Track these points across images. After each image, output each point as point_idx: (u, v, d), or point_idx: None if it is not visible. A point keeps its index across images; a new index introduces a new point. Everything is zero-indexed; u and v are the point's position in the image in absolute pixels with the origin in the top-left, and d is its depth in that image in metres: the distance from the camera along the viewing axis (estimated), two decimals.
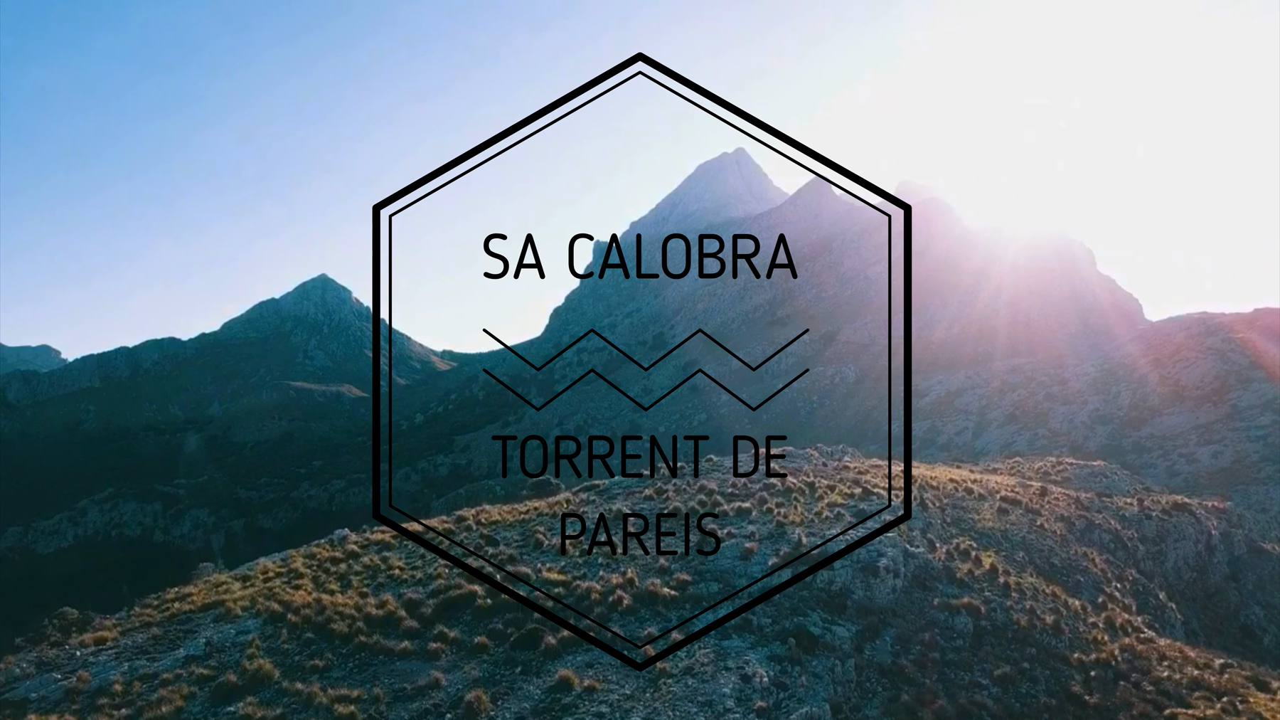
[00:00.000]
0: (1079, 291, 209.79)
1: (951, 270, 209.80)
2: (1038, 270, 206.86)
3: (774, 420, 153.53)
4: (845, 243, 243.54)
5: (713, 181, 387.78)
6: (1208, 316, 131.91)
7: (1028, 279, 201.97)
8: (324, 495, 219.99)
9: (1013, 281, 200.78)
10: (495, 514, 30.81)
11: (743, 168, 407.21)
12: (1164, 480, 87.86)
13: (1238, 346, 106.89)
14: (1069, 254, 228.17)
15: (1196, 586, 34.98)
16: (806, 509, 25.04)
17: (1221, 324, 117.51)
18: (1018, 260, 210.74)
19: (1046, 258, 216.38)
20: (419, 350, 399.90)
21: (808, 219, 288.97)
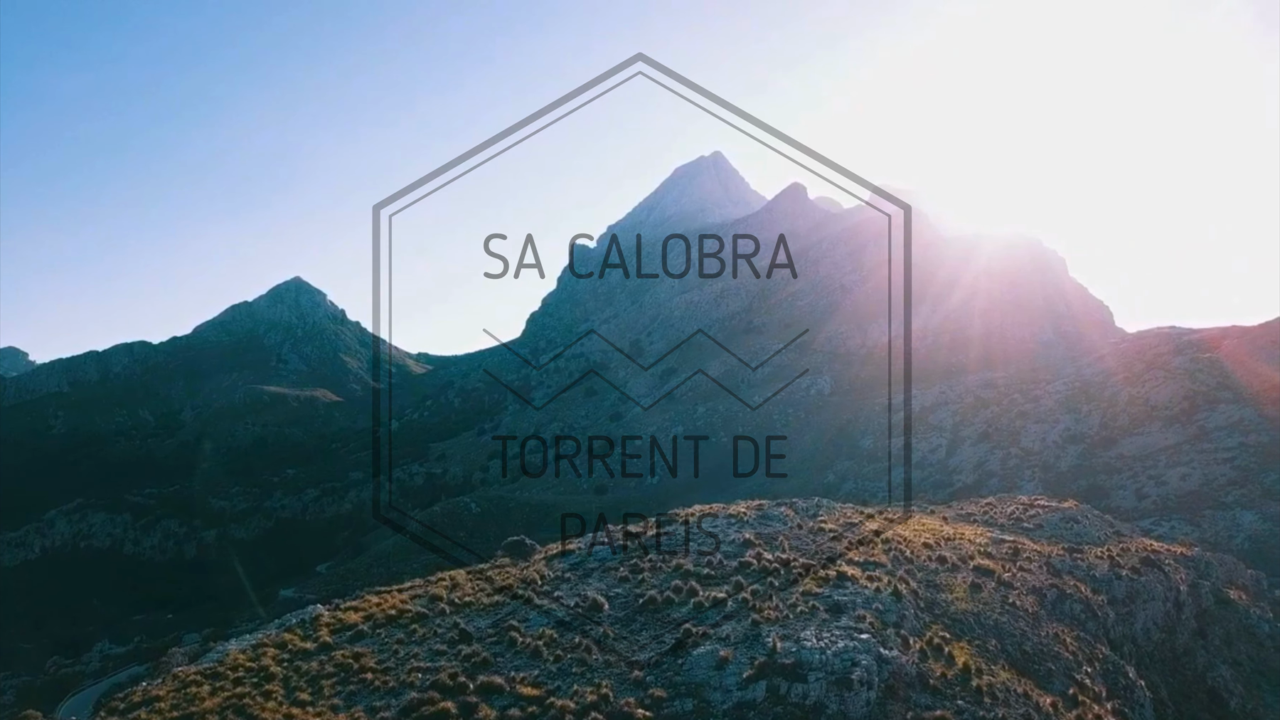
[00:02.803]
0: (1052, 299, 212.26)
1: (925, 279, 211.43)
2: (1012, 278, 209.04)
3: (750, 432, 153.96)
4: (821, 250, 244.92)
5: (690, 185, 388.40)
6: (1177, 333, 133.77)
7: (1002, 287, 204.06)
8: (297, 505, 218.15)
9: (987, 290, 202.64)
10: (468, 589, 30.66)
11: (720, 171, 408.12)
12: (1133, 503, 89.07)
13: (1206, 366, 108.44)
14: (1043, 261, 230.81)
15: (1165, 648, 35.41)
16: (782, 599, 25.08)
17: (1191, 342, 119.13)
18: (991, 268, 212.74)
19: (1021, 265, 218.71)
20: (394, 353, 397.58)
21: (784, 225, 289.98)
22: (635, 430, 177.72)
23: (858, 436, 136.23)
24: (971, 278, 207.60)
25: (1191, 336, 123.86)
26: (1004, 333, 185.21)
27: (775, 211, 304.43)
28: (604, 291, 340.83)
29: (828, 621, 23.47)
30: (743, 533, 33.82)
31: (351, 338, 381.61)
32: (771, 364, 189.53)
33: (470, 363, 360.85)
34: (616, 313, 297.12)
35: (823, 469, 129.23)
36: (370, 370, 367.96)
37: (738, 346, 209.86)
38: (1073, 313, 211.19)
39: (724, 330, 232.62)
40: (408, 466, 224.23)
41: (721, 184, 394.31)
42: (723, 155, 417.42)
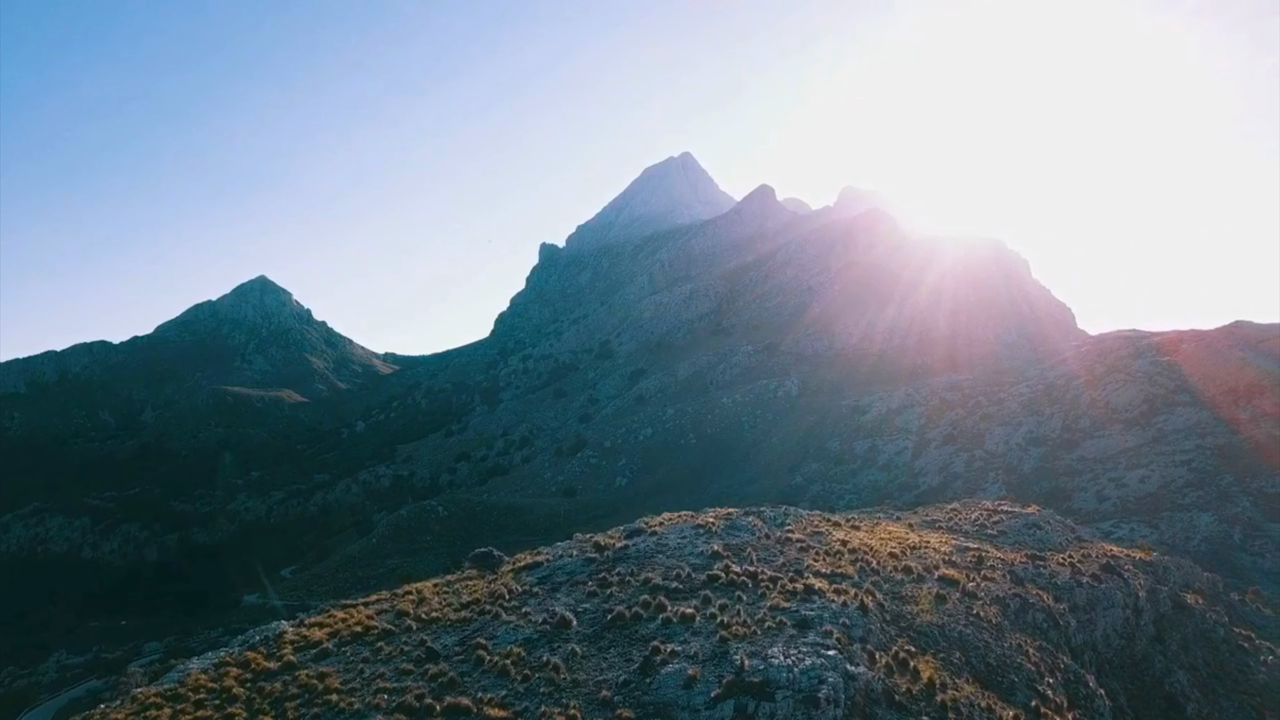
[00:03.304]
0: (1016, 301, 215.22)
1: (891, 280, 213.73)
2: (976, 279, 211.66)
3: (719, 434, 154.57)
4: (789, 252, 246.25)
5: (659, 186, 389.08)
6: (1137, 336, 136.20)
7: (967, 288, 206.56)
8: (262, 508, 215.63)
9: (952, 291, 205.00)
10: (435, 604, 30.46)
11: (689, 172, 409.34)
12: (1094, 505, 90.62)
13: (1165, 369, 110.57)
14: (1006, 263, 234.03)
15: (1124, 654, 36.03)
16: (750, 614, 25.18)
17: (1150, 345, 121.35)
18: (956, 269, 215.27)
19: (985, 266, 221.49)
20: (360, 353, 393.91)
21: (751, 227, 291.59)
22: (605, 431, 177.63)
23: (825, 438, 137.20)
24: (937, 279, 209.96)
25: (1151, 340, 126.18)
26: (970, 334, 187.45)
27: (744, 213, 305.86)
28: (573, 292, 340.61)
29: (795, 637, 23.59)
30: (711, 544, 33.90)
31: (318, 337, 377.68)
32: (740, 366, 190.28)
33: (438, 363, 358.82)
34: (586, 313, 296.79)
35: (791, 471, 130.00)
36: (337, 370, 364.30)
37: (707, 348, 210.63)
38: (1036, 314, 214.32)
39: (693, 332, 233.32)
40: (374, 468, 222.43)
41: (691, 185, 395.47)
42: (692, 156, 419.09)
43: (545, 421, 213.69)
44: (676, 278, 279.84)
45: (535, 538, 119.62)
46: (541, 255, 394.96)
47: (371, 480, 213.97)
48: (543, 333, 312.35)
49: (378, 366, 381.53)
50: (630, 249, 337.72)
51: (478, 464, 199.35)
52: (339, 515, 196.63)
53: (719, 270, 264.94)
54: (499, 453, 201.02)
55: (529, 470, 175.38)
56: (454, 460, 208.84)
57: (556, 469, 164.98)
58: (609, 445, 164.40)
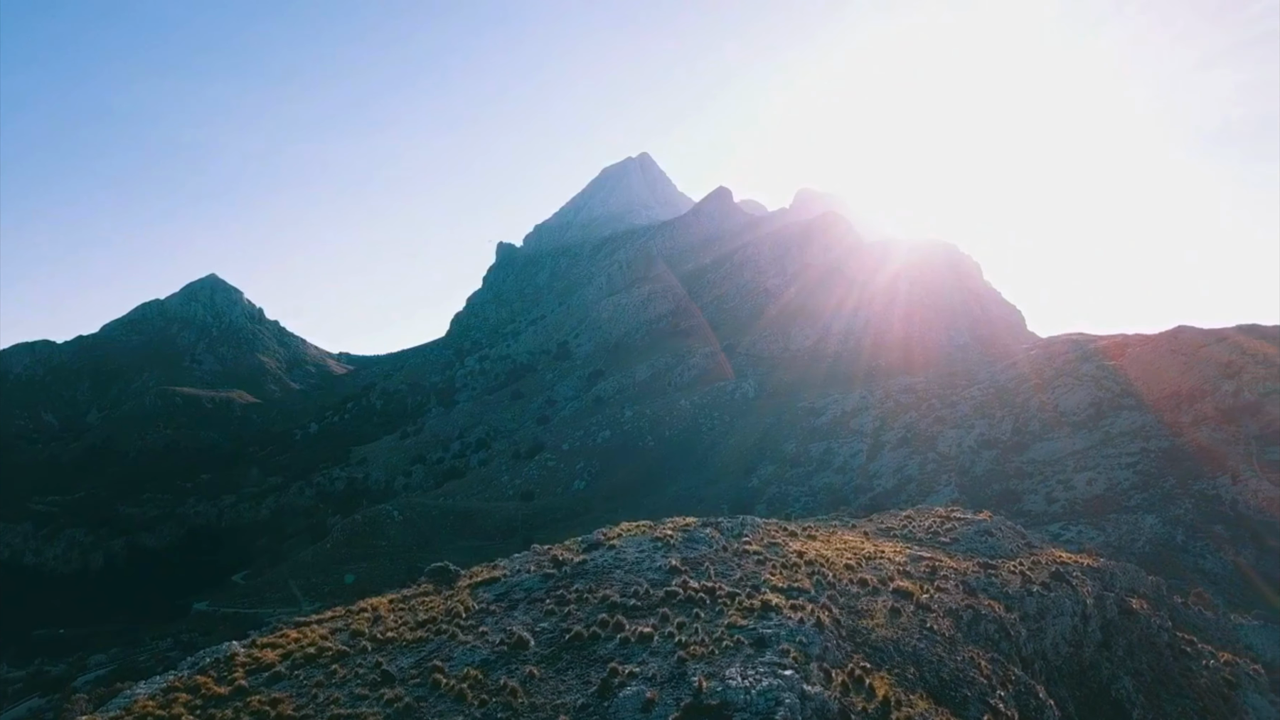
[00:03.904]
0: (968, 303, 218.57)
1: (847, 283, 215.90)
2: (929, 282, 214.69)
3: (677, 437, 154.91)
4: (746, 254, 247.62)
5: (617, 186, 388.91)
6: (1084, 340, 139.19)
7: (921, 291, 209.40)
8: (213, 511, 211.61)
9: (906, 294, 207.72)
10: (391, 622, 30.10)
11: (647, 172, 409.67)
12: (1043, 507, 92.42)
13: (1111, 374, 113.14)
14: (959, 266, 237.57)
15: (1073, 661, 36.80)
16: (707, 632, 25.24)
17: (1097, 349, 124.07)
18: (910, 272, 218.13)
19: (938, 270, 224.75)
20: (314, 353, 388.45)
21: (709, 229, 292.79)
22: (563, 433, 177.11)
23: (781, 440, 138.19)
24: (891, 281, 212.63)
25: (1098, 344, 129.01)
26: (924, 336, 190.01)
27: (702, 215, 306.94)
28: (531, 293, 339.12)
29: (752, 656, 23.70)
30: (669, 558, 33.96)
31: (270, 337, 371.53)
32: (698, 367, 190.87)
33: (393, 363, 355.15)
34: (544, 314, 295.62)
35: (747, 473, 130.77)
36: (290, 371, 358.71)
37: (665, 349, 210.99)
38: (987, 316, 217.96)
39: (652, 333, 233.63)
40: (328, 471, 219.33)
41: (649, 186, 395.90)
42: (650, 157, 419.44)
43: (502, 423, 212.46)
44: (635, 278, 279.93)
45: (492, 543, 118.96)
46: (499, 255, 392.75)
47: (325, 483, 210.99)
48: (500, 333, 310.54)
49: (332, 367, 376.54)
50: (588, 249, 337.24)
51: (434, 467, 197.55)
52: (292, 519, 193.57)
53: (677, 272, 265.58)
54: (455, 455, 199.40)
55: (486, 473, 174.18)
56: (409, 463, 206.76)
57: (514, 472, 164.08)
58: (567, 448, 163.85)
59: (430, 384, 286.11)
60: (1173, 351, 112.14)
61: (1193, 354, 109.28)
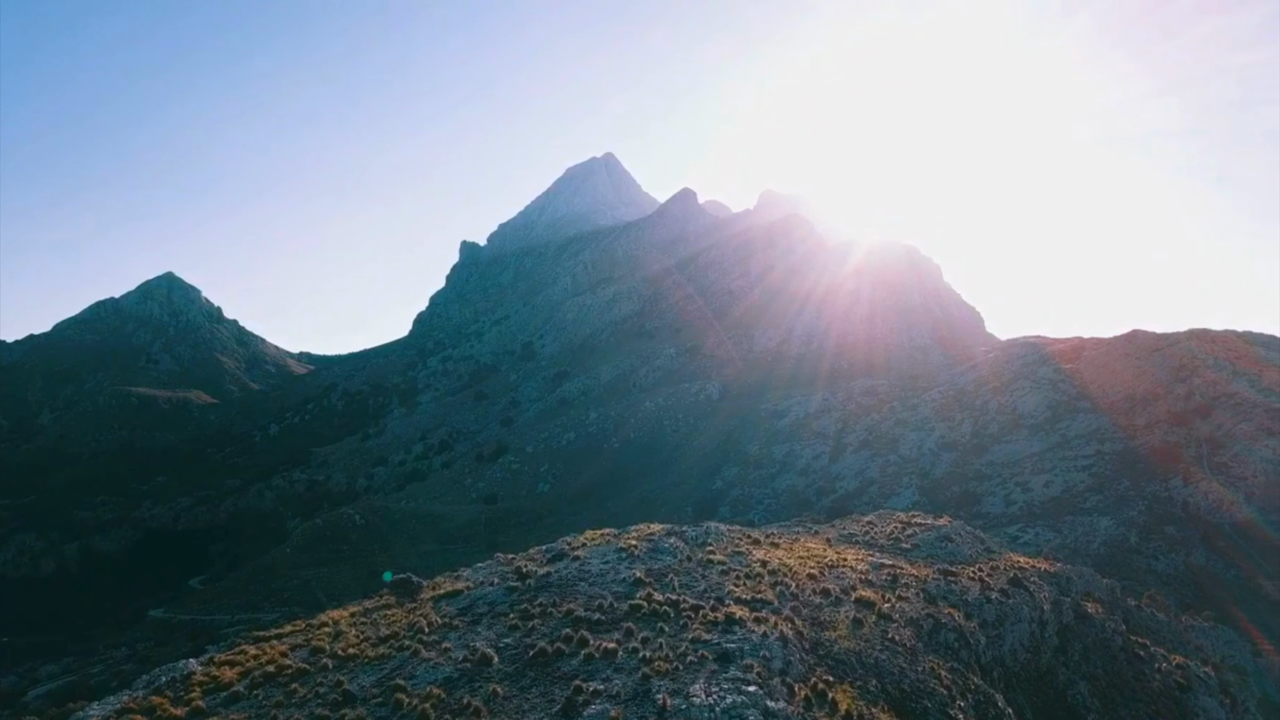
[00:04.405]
0: (929, 305, 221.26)
1: (810, 284, 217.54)
2: (891, 284, 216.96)
3: (641, 439, 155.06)
4: (710, 256, 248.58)
5: (582, 186, 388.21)
6: (1042, 343, 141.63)
7: (883, 293, 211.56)
8: (168, 514, 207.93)
9: (869, 296, 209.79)
10: (352, 638, 29.82)
11: (612, 173, 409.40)
12: (1001, 509, 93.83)
13: (1067, 377, 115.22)
14: (920, 268, 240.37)
15: (1030, 667, 37.43)
16: (672, 647, 25.29)
17: (1055, 352, 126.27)
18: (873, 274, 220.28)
19: (900, 271, 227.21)
20: (274, 353, 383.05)
21: (674, 230, 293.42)
22: (527, 435, 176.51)
23: (745, 442, 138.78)
24: (854, 283, 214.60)
25: (1055, 347, 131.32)
26: (886, 338, 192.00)
27: (666, 216, 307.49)
28: (495, 292, 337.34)
29: (716, 673, 23.78)
30: (633, 569, 34.00)
31: (229, 336, 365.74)
32: (662, 369, 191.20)
33: (354, 363, 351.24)
34: (508, 314, 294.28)
35: (711, 475, 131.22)
36: (249, 370, 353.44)
37: (630, 350, 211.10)
38: (948, 318, 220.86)
39: (617, 334, 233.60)
40: (288, 473, 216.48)
41: (613, 185, 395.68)
42: (614, 157, 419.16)
43: (466, 425, 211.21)
44: (600, 279, 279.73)
45: (455, 546, 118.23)
46: (462, 253, 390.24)
47: (285, 485, 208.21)
48: (463, 333, 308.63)
49: (292, 366, 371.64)
50: (553, 249, 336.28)
51: (396, 469, 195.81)
52: (251, 522, 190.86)
53: (642, 273, 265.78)
54: (418, 457, 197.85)
55: (449, 475, 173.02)
56: (371, 465, 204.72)
57: (477, 475, 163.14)
58: (531, 450, 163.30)
59: (392, 384, 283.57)
60: (1127, 355, 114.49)
61: (1146, 358, 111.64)
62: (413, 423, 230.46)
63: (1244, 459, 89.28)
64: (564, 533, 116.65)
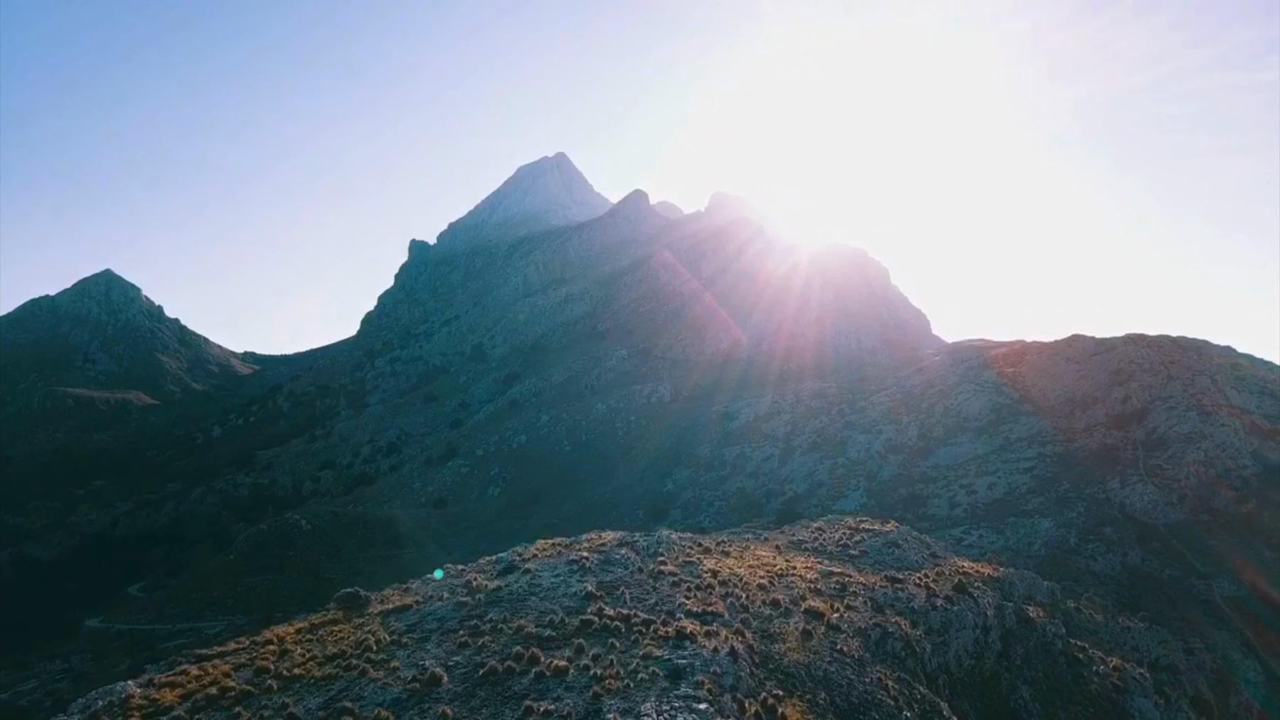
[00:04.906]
0: (878, 307, 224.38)
1: (760, 286, 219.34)
2: (840, 286, 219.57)
3: (593, 441, 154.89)
4: (662, 258, 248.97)
5: (533, 185, 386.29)
6: (986, 345, 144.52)
7: (832, 295, 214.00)
8: (107, 519, 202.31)
9: (819, 298, 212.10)
10: (298, 656, 29.35)
11: (564, 172, 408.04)
12: (946, 511, 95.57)
13: (1010, 381, 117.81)
14: (868, 270, 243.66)
15: (974, 673, 38.21)
16: (623, 664, 25.34)
17: (998, 356, 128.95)
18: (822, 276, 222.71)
19: (848, 273, 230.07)
20: (217, 353, 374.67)
21: (626, 231, 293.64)
22: (477, 438, 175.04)
23: (696, 444, 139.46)
24: (803, 285, 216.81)
25: (998, 351, 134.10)
26: (835, 340, 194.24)
27: (619, 217, 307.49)
28: (444, 292, 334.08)
29: (668, 690, 23.88)
30: (585, 583, 33.99)
31: (170, 336, 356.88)
32: (614, 371, 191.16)
33: (301, 364, 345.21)
34: (458, 314, 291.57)
35: (662, 477, 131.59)
36: (191, 371, 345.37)
37: (582, 352, 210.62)
38: (895, 320, 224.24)
39: (568, 335, 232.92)
40: (232, 476, 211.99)
41: (565, 185, 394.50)
42: (566, 157, 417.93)
43: (414, 427, 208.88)
44: (551, 280, 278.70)
45: (404, 552, 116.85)
46: (411, 252, 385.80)
47: (229, 489, 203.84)
48: (412, 334, 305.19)
49: (236, 367, 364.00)
50: (504, 249, 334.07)
51: (343, 472, 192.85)
52: (193, 527, 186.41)
53: (594, 274, 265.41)
54: (365, 460, 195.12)
55: (397, 479, 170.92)
56: (318, 468, 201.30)
57: (426, 478, 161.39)
58: (481, 453, 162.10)
59: (340, 386, 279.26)
60: (1067, 360, 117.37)
61: (1085, 362, 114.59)
62: (360, 425, 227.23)
63: (1177, 461, 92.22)
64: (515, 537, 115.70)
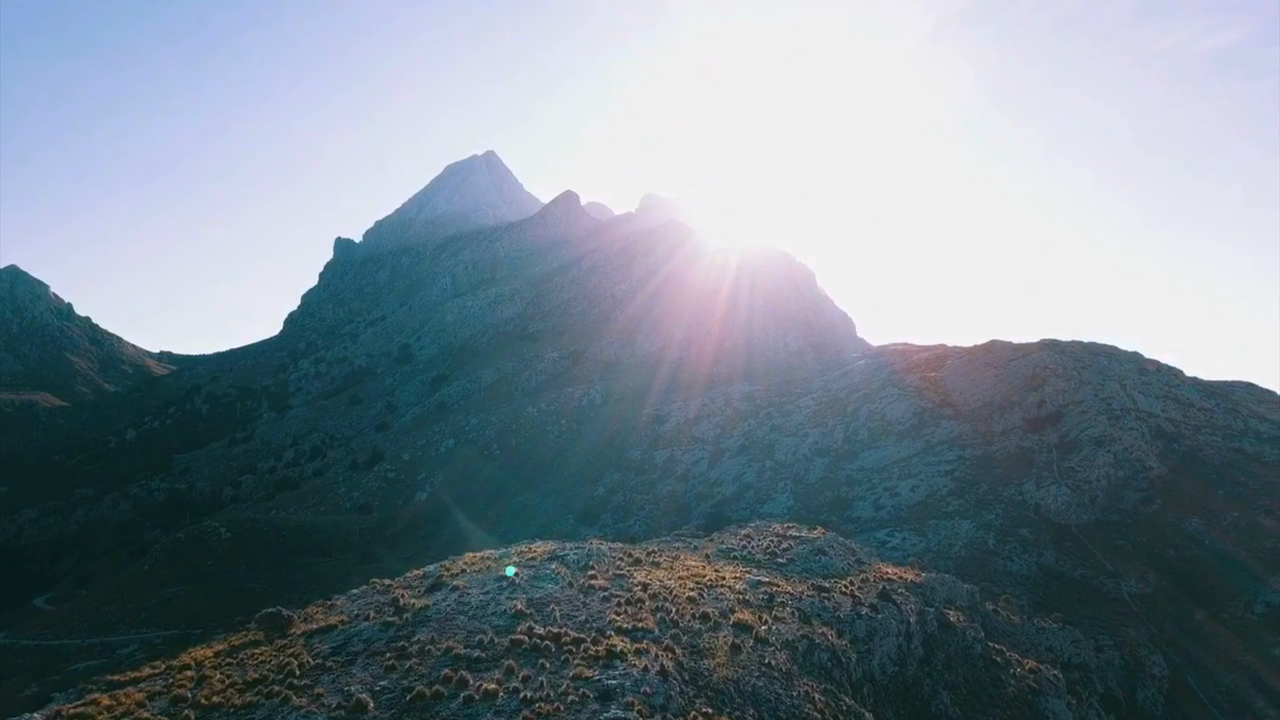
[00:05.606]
0: (805, 310, 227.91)
1: (691, 289, 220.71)
2: (768, 290, 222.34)
3: (524, 445, 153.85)
4: (594, 260, 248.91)
5: (462, 184, 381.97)
6: (909, 349, 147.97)
7: (760, 298, 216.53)
8: (11, 527, 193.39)
9: (747, 301, 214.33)
10: (217, 683, 28.49)
11: (493, 171, 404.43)
12: (871, 514, 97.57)
13: (932, 384, 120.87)
14: (795, 273, 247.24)
15: (897, 680, 39.11)
16: (553, 686, 25.24)
17: (920, 361, 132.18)
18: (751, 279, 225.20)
19: (776, 277, 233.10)
20: (131, 352, 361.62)
21: (557, 232, 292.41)
22: (404, 441, 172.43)
23: (626, 447, 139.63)
24: (732, 288, 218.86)
25: (921, 355, 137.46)
26: (764, 343, 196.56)
27: (549, 218, 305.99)
28: (370, 292, 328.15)
29: (598, 713, 23.89)
30: (514, 600, 33.74)
31: (81, 335, 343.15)
32: (545, 373, 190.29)
33: (220, 364, 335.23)
34: (384, 315, 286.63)
35: (594, 481, 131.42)
36: (103, 371, 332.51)
37: (512, 354, 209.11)
38: (821, 323, 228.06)
39: (498, 337, 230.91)
40: (147, 481, 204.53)
41: (495, 185, 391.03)
42: (496, 155, 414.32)
43: (339, 430, 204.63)
44: (481, 280, 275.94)
45: (328, 560, 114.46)
46: (336, 251, 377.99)
47: (143, 495, 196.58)
48: (337, 334, 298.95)
49: (152, 367, 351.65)
50: (432, 248, 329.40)
51: (265, 477, 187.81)
52: (104, 535, 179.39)
53: (525, 275, 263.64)
54: (288, 464, 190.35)
55: (321, 484, 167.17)
56: (238, 473, 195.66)
57: (351, 483, 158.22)
58: (408, 458, 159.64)
59: (261, 387, 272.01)
60: (986, 365, 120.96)
61: (1003, 367, 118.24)
62: (283, 428, 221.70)
63: (1089, 463, 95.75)
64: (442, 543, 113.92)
